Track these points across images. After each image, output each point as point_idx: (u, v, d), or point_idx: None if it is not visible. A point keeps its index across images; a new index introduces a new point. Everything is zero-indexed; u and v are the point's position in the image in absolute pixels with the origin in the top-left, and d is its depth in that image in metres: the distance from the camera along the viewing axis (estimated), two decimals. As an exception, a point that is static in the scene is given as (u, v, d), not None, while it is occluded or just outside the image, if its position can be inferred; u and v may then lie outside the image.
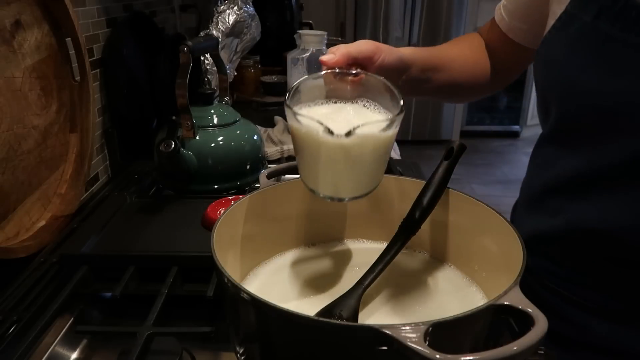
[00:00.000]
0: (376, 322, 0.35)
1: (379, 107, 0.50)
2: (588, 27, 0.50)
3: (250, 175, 0.90)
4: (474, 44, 0.76)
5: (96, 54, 0.97)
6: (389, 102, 0.50)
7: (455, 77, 0.72)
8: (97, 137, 0.98)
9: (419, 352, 0.32)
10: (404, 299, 0.53)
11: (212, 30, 1.18)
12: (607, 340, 0.57)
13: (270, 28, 1.86)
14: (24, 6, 0.70)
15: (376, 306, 0.52)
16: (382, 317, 0.50)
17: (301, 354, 0.41)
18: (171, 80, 0.82)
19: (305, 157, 0.49)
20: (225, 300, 0.45)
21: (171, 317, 0.61)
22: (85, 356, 0.58)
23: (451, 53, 0.74)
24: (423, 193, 0.54)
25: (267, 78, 1.70)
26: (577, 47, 0.52)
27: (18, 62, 0.68)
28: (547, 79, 0.58)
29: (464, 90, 0.77)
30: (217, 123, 0.87)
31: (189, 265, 0.63)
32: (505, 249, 0.49)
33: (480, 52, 0.75)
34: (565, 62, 0.53)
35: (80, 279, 0.62)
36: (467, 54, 0.75)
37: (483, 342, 0.39)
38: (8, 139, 0.66)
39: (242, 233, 0.56)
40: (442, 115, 3.79)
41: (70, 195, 0.80)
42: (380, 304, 0.52)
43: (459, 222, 0.57)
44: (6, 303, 0.61)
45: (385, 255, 0.52)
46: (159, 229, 0.71)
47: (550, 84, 0.57)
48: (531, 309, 0.36)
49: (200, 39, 0.86)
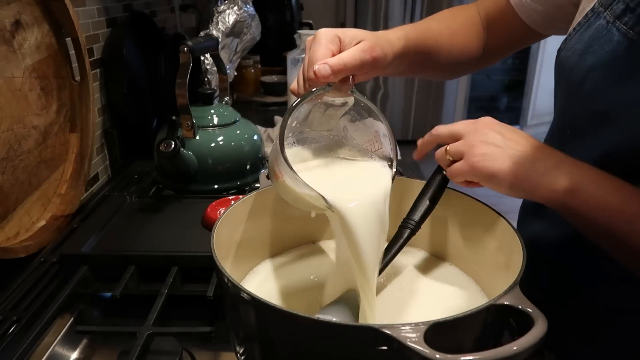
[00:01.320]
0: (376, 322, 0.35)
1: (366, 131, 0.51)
2: (606, 28, 0.50)
3: (250, 175, 0.90)
4: (463, 16, 0.71)
5: (96, 54, 0.98)
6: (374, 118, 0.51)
7: (438, 54, 0.68)
8: (97, 137, 0.98)
9: (419, 352, 0.32)
10: (404, 298, 0.53)
11: (212, 30, 1.18)
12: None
13: (270, 28, 1.87)
14: (24, 6, 0.70)
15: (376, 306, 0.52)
16: (382, 317, 0.50)
17: (301, 354, 0.41)
18: (171, 80, 0.82)
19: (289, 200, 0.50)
20: (225, 300, 0.45)
21: (171, 317, 0.61)
22: (85, 356, 0.58)
23: (435, 28, 0.68)
24: (423, 193, 0.54)
25: (267, 78, 1.70)
26: (592, 48, 0.51)
27: (18, 62, 0.68)
28: (560, 79, 0.57)
29: (447, 67, 0.72)
30: (217, 123, 0.87)
31: (189, 265, 0.63)
32: (506, 249, 0.49)
33: (470, 26, 0.71)
34: (577, 61, 0.53)
35: (80, 279, 0.62)
36: (454, 27, 0.70)
37: (483, 342, 0.39)
38: (8, 139, 0.66)
39: (242, 233, 0.56)
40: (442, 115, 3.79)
41: (70, 195, 0.80)
42: (380, 303, 0.52)
43: (460, 222, 0.57)
44: (6, 303, 0.61)
45: (385, 255, 0.52)
46: (159, 229, 0.71)
47: (560, 83, 0.57)
48: (531, 309, 0.36)
49: (200, 39, 0.86)
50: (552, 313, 0.38)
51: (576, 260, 0.59)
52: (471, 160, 0.48)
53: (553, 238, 0.61)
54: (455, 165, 0.50)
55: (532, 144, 0.48)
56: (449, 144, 0.51)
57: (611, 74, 0.49)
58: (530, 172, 0.47)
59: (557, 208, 0.48)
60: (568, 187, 0.46)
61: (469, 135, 0.49)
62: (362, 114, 0.51)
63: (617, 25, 0.49)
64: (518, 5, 0.66)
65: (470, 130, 0.49)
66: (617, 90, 0.49)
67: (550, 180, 0.46)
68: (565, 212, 0.48)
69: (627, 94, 0.48)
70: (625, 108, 0.48)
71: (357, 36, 0.52)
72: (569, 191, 0.46)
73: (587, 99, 0.52)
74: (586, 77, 0.51)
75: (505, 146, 0.47)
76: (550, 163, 0.47)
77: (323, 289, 0.53)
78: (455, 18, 0.71)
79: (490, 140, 0.48)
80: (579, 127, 0.52)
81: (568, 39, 0.55)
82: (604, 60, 0.50)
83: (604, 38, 0.50)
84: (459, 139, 0.50)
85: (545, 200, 0.48)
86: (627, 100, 0.48)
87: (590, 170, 0.47)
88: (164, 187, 0.88)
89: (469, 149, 0.48)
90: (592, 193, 0.46)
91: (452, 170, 0.50)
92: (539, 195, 0.47)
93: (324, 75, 0.47)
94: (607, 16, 0.50)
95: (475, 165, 0.47)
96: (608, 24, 0.50)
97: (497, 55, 0.74)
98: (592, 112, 0.51)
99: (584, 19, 0.53)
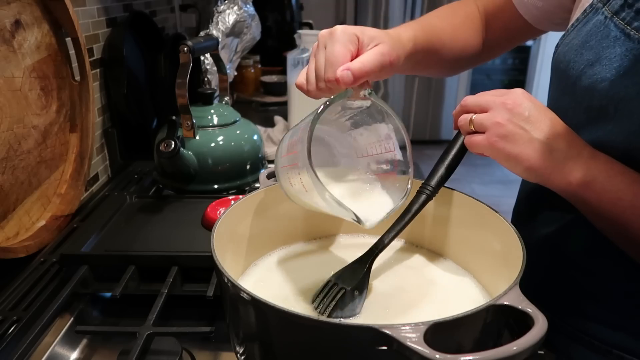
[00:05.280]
0: (376, 321, 0.35)
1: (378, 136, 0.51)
2: (604, 24, 0.50)
3: (250, 175, 0.90)
4: (462, 12, 0.72)
5: (96, 54, 0.98)
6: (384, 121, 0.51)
7: (441, 52, 0.68)
8: (97, 137, 0.98)
9: (418, 352, 0.32)
10: (404, 298, 0.53)
11: (212, 30, 1.18)
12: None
13: (270, 28, 1.87)
14: (24, 6, 0.70)
15: (376, 305, 0.52)
16: (382, 316, 0.50)
17: (301, 354, 0.41)
18: (171, 80, 0.82)
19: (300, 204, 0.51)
20: (225, 300, 0.45)
21: (171, 317, 0.61)
22: (85, 356, 0.58)
23: (438, 26, 0.69)
24: (442, 158, 0.54)
25: (267, 78, 1.70)
26: (589, 43, 0.51)
27: (18, 62, 0.68)
28: (556, 74, 0.57)
29: (449, 63, 0.72)
30: (217, 123, 0.87)
31: (189, 265, 0.63)
32: (506, 249, 0.49)
33: (470, 22, 0.71)
34: (574, 56, 0.53)
35: (80, 279, 0.62)
36: (456, 23, 0.70)
37: (483, 342, 0.39)
38: (8, 139, 0.66)
39: (242, 233, 0.56)
40: (442, 116, 3.79)
41: (70, 195, 0.80)
42: (380, 303, 0.52)
43: (460, 222, 0.57)
44: (6, 303, 0.61)
45: (402, 219, 0.53)
46: (159, 229, 0.71)
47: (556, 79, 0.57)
48: (531, 309, 0.36)
49: (200, 39, 0.86)
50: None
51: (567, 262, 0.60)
52: (492, 140, 0.47)
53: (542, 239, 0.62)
54: (476, 137, 0.49)
55: (556, 129, 0.48)
56: (476, 113, 0.50)
57: (608, 69, 0.49)
58: (547, 161, 0.47)
59: (570, 198, 0.49)
60: (582, 179, 0.46)
61: (496, 110, 0.48)
62: (374, 117, 0.51)
63: (614, 20, 0.49)
64: (518, 2, 0.66)
65: (497, 104, 0.48)
66: (614, 85, 0.49)
67: (566, 171, 0.47)
68: (578, 203, 0.49)
69: (623, 89, 0.48)
70: (621, 103, 0.49)
71: (376, 37, 0.51)
72: (583, 184, 0.47)
73: (583, 95, 0.52)
74: (583, 72, 0.52)
75: (528, 128, 0.47)
76: (569, 153, 0.47)
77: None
78: (456, 14, 0.71)
79: (515, 120, 0.47)
80: (574, 122, 0.52)
81: (566, 34, 0.56)
82: (601, 55, 0.50)
83: (601, 33, 0.50)
84: (485, 111, 0.49)
85: (558, 190, 0.48)
86: (624, 96, 0.48)
87: (606, 163, 0.47)
88: (164, 187, 0.88)
89: (492, 125, 0.47)
90: (605, 187, 0.46)
91: (471, 141, 0.50)
92: (553, 184, 0.48)
93: (347, 82, 0.47)
94: (605, 12, 0.50)
95: (495, 145, 0.47)
96: (606, 20, 0.50)
97: (496, 51, 0.75)
98: (588, 107, 0.52)
99: (582, 14, 0.54)
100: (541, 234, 0.62)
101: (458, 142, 0.53)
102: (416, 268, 0.58)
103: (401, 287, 0.55)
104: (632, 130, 0.48)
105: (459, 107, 0.53)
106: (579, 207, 0.50)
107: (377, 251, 0.52)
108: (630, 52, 0.47)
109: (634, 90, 0.47)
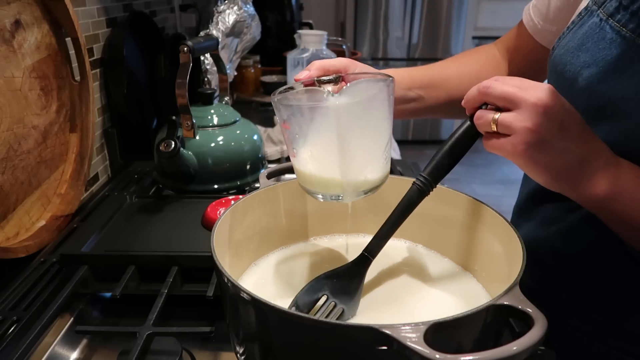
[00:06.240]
0: (376, 321, 0.35)
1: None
2: (599, 26, 0.50)
3: (250, 175, 0.90)
4: (484, 55, 0.73)
5: (96, 54, 0.98)
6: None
7: (454, 94, 0.69)
8: (97, 137, 0.98)
9: (418, 352, 0.32)
10: (404, 298, 0.53)
11: (212, 30, 1.18)
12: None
13: (270, 28, 1.87)
14: (24, 6, 0.70)
15: (376, 305, 0.52)
16: (382, 316, 0.50)
17: (301, 353, 0.41)
18: (171, 80, 0.82)
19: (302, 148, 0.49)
20: (225, 300, 0.45)
21: (171, 317, 0.61)
22: (85, 356, 0.58)
23: (449, 69, 0.71)
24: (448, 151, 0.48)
25: (267, 78, 1.70)
26: (585, 45, 0.52)
27: (18, 62, 0.68)
28: (553, 76, 0.58)
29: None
30: (217, 123, 0.87)
31: (189, 265, 0.63)
32: (506, 249, 0.49)
33: (490, 64, 0.72)
34: (571, 58, 0.53)
35: (80, 279, 0.62)
36: (472, 68, 0.71)
37: (483, 342, 0.39)
38: (8, 139, 0.66)
39: (242, 233, 0.56)
40: (442, 115, 3.80)
41: (70, 195, 0.80)
42: (380, 302, 0.52)
43: (460, 222, 0.57)
44: (6, 303, 0.61)
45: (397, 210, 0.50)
46: (159, 229, 0.71)
47: (553, 81, 0.57)
48: (531, 309, 0.36)
49: (200, 39, 0.86)
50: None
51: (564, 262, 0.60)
52: (520, 147, 0.42)
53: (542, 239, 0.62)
54: (499, 140, 0.44)
55: (585, 137, 0.44)
56: (500, 113, 0.44)
57: (604, 70, 0.49)
58: (575, 173, 0.44)
59: (594, 210, 0.47)
60: (608, 192, 0.44)
61: (526, 111, 0.42)
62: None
63: (610, 22, 0.49)
64: (533, 30, 0.67)
65: (528, 105, 0.42)
66: (611, 86, 0.49)
67: (591, 184, 0.44)
68: (602, 213, 0.47)
69: (620, 90, 0.48)
70: (619, 104, 0.49)
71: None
72: (610, 195, 0.44)
73: (581, 96, 0.52)
74: (580, 73, 0.52)
75: (560, 137, 0.42)
76: (597, 164, 0.44)
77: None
78: (467, 57, 0.75)
79: (547, 127, 0.42)
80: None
81: (562, 37, 0.56)
82: (597, 57, 0.50)
83: (597, 35, 0.50)
84: (511, 108, 0.43)
85: (582, 203, 0.46)
86: (621, 96, 0.48)
87: (633, 172, 0.45)
88: (164, 187, 0.88)
89: (522, 131, 0.42)
90: (635, 197, 0.44)
91: (492, 144, 0.44)
92: (577, 198, 0.46)
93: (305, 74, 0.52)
94: (600, 14, 0.50)
95: (522, 153, 0.42)
96: (601, 22, 0.50)
97: None
98: (585, 108, 0.52)
99: (577, 17, 0.54)
100: (541, 234, 0.62)
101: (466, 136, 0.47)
102: (416, 268, 0.58)
103: (401, 287, 0.55)
104: (631, 130, 0.48)
105: (476, 91, 0.46)
106: (602, 217, 0.47)
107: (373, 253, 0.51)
108: (626, 54, 0.48)
109: (631, 91, 0.48)
